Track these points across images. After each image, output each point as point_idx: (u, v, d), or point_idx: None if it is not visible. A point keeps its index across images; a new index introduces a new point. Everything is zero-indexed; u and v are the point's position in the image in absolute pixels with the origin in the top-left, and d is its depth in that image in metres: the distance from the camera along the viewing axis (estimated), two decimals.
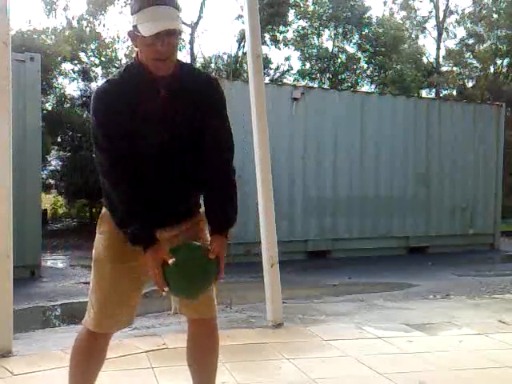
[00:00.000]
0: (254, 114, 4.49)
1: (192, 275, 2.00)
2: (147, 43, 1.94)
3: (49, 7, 18.09)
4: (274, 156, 4.87)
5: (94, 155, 2.10)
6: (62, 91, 16.84)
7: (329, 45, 22.63)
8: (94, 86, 17.88)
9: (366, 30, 21.71)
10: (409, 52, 23.19)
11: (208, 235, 2.21)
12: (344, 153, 10.39)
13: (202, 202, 2.27)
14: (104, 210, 2.20)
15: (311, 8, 21.87)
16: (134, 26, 1.95)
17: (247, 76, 4.97)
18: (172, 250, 2.00)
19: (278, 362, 3.58)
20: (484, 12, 23.11)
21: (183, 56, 20.68)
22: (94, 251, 2.20)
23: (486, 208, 11.84)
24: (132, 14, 1.98)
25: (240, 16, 19.99)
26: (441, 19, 24.68)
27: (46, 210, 15.22)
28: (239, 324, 4.65)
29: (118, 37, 19.06)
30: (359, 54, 22.40)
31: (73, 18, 18.45)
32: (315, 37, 22.51)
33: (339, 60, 22.27)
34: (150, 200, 2.05)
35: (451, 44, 31.03)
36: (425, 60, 24.64)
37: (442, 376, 3.39)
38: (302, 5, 21.44)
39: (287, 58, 23.04)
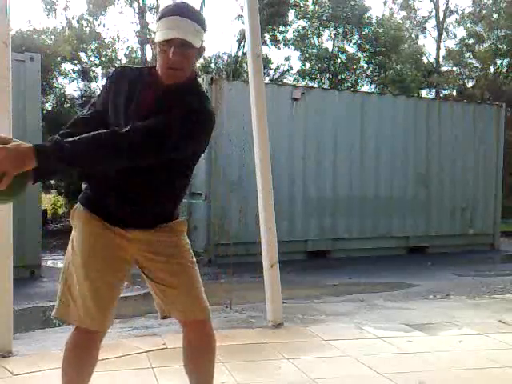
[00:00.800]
0: (254, 114, 4.49)
1: None
2: (160, 50, 2.03)
3: (49, 7, 18.11)
4: (274, 156, 4.87)
5: None
6: (62, 91, 16.84)
7: (329, 45, 22.64)
8: (94, 85, 17.92)
9: (366, 30, 21.70)
10: (409, 52, 23.17)
11: (186, 251, 2.24)
12: (344, 153, 10.39)
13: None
14: (77, 204, 2.24)
15: (311, 8, 21.86)
16: (155, 33, 2.08)
17: (247, 76, 4.98)
18: None
19: (278, 362, 3.58)
20: (484, 12, 23.10)
21: None
22: (69, 246, 2.23)
23: (486, 208, 11.83)
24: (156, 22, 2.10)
25: (240, 16, 19.98)
26: (441, 19, 24.68)
27: (46, 209, 15.21)
28: (239, 324, 4.65)
29: (117, 37, 19.07)
30: (359, 54, 22.38)
31: (73, 18, 18.48)
32: (315, 37, 22.50)
33: (339, 60, 22.24)
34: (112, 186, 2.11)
35: (451, 44, 31.06)
36: (425, 60, 24.64)
37: (441, 376, 3.40)
38: (302, 5, 21.43)
39: (287, 58, 23.04)
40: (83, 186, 2.24)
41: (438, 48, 24.48)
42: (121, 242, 2.16)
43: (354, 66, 22.36)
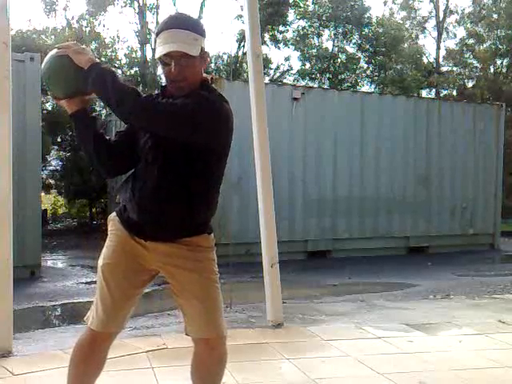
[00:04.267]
0: (254, 113, 4.49)
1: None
2: (163, 64, 2.09)
3: (49, 7, 18.11)
4: (274, 156, 4.87)
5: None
6: None
7: (329, 45, 22.65)
8: None
9: (366, 30, 21.70)
10: (409, 52, 23.18)
11: (209, 267, 2.20)
12: (344, 153, 10.39)
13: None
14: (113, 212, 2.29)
15: (311, 8, 21.87)
16: (154, 49, 2.17)
17: (247, 76, 4.97)
18: None
19: (278, 361, 3.58)
20: (484, 12, 23.11)
21: None
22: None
23: (486, 208, 11.83)
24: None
25: (240, 16, 19.99)
26: (441, 19, 24.70)
27: (46, 210, 15.21)
28: (239, 324, 4.65)
29: (117, 37, 19.06)
30: (359, 54, 22.38)
31: (72, 18, 18.47)
32: (315, 37, 22.51)
33: (339, 60, 22.25)
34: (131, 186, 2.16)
35: (451, 44, 31.05)
36: (425, 60, 24.64)
37: (441, 376, 3.40)
38: (301, 5, 21.42)
39: (287, 58, 23.05)
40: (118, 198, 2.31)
41: (438, 48, 24.52)
42: (141, 251, 2.16)
43: (354, 66, 22.36)
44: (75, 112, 2.17)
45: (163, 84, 2.22)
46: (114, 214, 2.27)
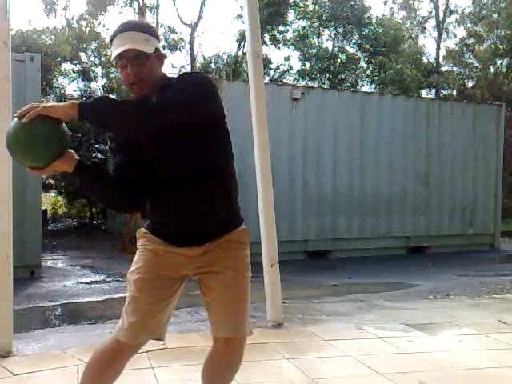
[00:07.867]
0: (254, 113, 4.50)
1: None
2: (120, 69, 2.06)
3: (49, 7, 18.12)
4: (273, 156, 4.87)
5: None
6: (61, 91, 16.83)
7: (329, 45, 22.67)
8: (93, 85, 17.92)
9: (366, 30, 21.72)
10: (409, 52, 23.20)
11: (243, 265, 2.18)
12: (344, 153, 10.39)
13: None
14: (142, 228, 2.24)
15: (311, 8, 21.88)
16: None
17: (247, 76, 4.98)
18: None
19: (278, 362, 3.58)
20: (484, 12, 23.11)
21: (183, 56, 20.74)
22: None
23: (486, 208, 11.83)
24: None
25: (240, 16, 20.02)
26: (441, 19, 24.71)
27: (46, 209, 15.21)
28: None
29: None
30: (359, 54, 22.40)
31: (72, 18, 18.48)
32: (315, 37, 22.52)
33: (339, 60, 22.27)
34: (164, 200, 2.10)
35: (451, 44, 31.09)
36: (425, 60, 24.66)
37: (441, 376, 3.40)
38: (301, 5, 21.44)
39: (287, 58, 23.09)
40: (147, 220, 2.23)
41: (438, 48, 24.53)
42: (179, 260, 2.12)
43: (354, 66, 22.37)
44: (75, 168, 2.05)
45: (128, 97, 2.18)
46: (144, 229, 2.21)
